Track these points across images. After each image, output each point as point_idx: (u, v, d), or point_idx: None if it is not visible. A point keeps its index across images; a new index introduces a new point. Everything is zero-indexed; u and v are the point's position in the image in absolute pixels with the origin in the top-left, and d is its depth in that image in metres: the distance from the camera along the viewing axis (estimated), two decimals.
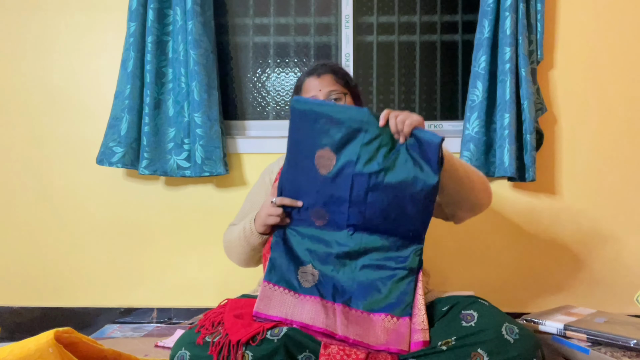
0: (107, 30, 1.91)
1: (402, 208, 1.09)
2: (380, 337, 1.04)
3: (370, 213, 1.11)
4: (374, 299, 1.08)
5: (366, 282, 1.10)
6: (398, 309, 1.07)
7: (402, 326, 1.05)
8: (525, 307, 1.85)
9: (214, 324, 1.07)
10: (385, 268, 1.10)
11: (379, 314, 1.07)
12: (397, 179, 1.07)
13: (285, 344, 1.00)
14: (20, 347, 1.04)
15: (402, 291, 1.08)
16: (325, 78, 1.35)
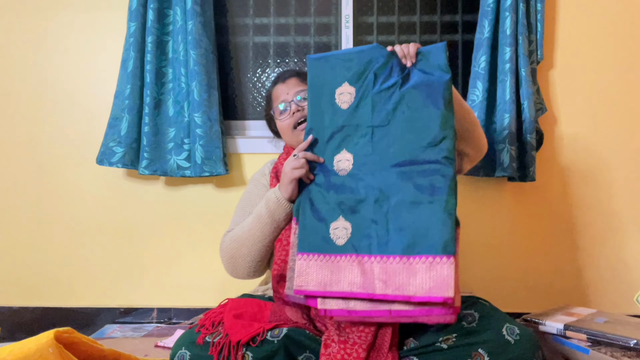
0: (107, 30, 1.91)
1: (425, 112, 1.08)
2: (421, 284, 0.98)
3: (394, 130, 1.10)
4: (413, 240, 1.02)
5: (401, 222, 1.04)
6: (439, 247, 0.99)
7: (446, 268, 0.97)
8: (525, 307, 1.85)
9: (214, 324, 1.07)
10: (420, 201, 1.04)
11: (419, 257, 1.01)
12: (414, 83, 1.10)
13: (285, 344, 1.00)
14: (20, 347, 1.04)
15: (442, 222, 1.00)
16: (290, 82, 1.41)
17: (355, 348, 1.02)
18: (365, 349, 1.02)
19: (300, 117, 1.36)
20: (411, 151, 1.08)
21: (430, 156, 1.06)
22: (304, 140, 1.30)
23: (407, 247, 1.01)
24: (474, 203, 1.89)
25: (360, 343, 1.03)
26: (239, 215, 1.36)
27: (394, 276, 1.00)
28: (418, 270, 0.99)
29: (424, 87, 1.09)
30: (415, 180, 1.06)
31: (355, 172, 1.11)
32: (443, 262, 0.98)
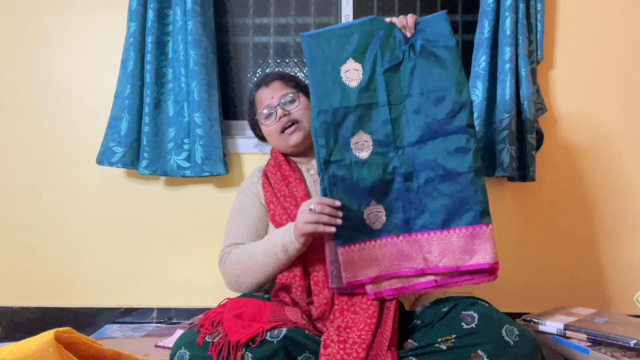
0: (107, 30, 1.91)
1: (438, 82, 1.08)
2: (465, 254, 1.04)
3: (411, 106, 1.09)
4: (450, 213, 1.05)
5: (434, 197, 1.07)
6: (477, 216, 1.04)
7: (486, 236, 1.04)
8: (525, 307, 1.84)
9: (214, 324, 1.07)
10: (449, 174, 1.06)
11: (459, 229, 1.05)
12: (422, 54, 1.09)
13: (284, 345, 1.00)
14: (20, 347, 1.04)
15: (475, 192, 1.04)
16: (274, 85, 1.39)
17: (355, 348, 1.02)
18: (364, 348, 1.01)
19: (287, 121, 1.35)
20: (431, 124, 1.07)
21: (452, 126, 1.06)
22: (291, 144, 1.34)
23: (445, 220, 1.05)
24: None
25: (359, 343, 1.03)
26: (233, 228, 1.34)
27: (439, 250, 1.05)
28: (460, 242, 1.04)
29: (432, 57, 1.08)
30: (440, 153, 1.06)
31: (377, 153, 1.09)
32: (483, 231, 1.03)
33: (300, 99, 1.37)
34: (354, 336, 1.05)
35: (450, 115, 1.06)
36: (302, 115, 1.36)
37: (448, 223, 1.05)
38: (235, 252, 1.27)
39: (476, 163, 1.05)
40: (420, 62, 1.09)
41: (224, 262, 1.28)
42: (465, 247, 1.04)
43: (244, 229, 1.32)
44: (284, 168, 1.38)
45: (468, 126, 1.06)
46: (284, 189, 1.32)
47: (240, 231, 1.32)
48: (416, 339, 1.07)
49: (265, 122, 1.38)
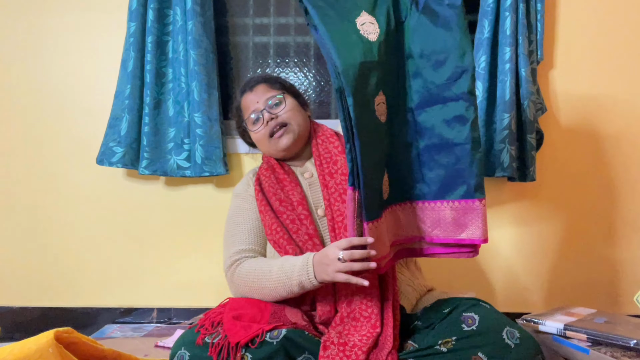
0: (107, 30, 1.91)
1: (440, 44, 1.02)
2: (456, 227, 1.02)
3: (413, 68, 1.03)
4: (444, 184, 1.02)
5: (431, 166, 1.04)
6: (471, 190, 1.00)
7: (478, 211, 1.01)
8: (525, 307, 1.85)
9: (214, 324, 1.07)
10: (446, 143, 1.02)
11: (451, 202, 1.03)
12: (425, 13, 1.03)
13: (284, 346, 1.00)
14: (20, 347, 1.04)
15: (470, 165, 1.00)
16: (258, 89, 1.34)
17: (355, 350, 1.01)
18: (365, 351, 1.00)
19: (275, 125, 1.29)
20: (430, 90, 1.02)
21: (452, 93, 1.00)
22: (281, 147, 1.29)
23: (438, 191, 1.02)
24: None
25: (360, 346, 1.02)
26: (237, 233, 1.27)
27: (431, 220, 1.04)
28: (452, 214, 1.01)
29: (435, 15, 1.01)
30: (438, 121, 1.02)
31: (389, 117, 1.03)
32: (475, 206, 0.99)
33: (286, 100, 1.32)
34: (354, 339, 1.04)
35: (450, 81, 1.00)
36: (290, 117, 1.30)
37: (442, 194, 1.03)
38: (245, 266, 1.19)
39: (474, 133, 1.00)
40: (422, 20, 1.02)
41: (233, 274, 1.21)
42: (457, 221, 1.02)
43: (249, 234, 1.26)
44: (277, 171, 1.33)
45: (469, 93, 0.99)
46: (279, 193, 1.27)
47: (245, 236, 1.26)
48: (416, 340, 1.07)
49: (253, 127, 1.32)
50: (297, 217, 1.23)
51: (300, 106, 1.36)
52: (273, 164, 1.34)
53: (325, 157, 1.29)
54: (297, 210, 1.24)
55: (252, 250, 1.24)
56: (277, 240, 1.21)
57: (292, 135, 1.30)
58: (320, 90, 2.04)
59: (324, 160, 1.29)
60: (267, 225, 1.24)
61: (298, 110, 1.34)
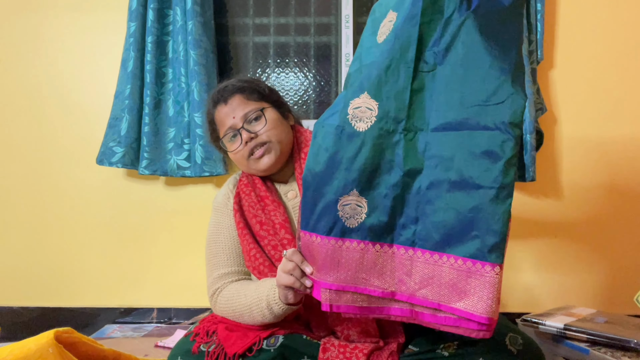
0: (107, 30, 1.91)
1: (488, 54, 0.77)
2: (453, 293, 0.78)
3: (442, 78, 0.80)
4: (449, 233, 0.78)
5: (437, 207, 0.80)
6: (485, 250, 0.75)
7: (488, 280, 0.76)
8: (525, 307, 1.85)
9: (209, 333, 1.05)
10: (466, 182, 0.77)
11: (454, 257, 0.78)
12: (477, 10, 0.77)
13: (282, 352, 0.99)
14: (20, 347, 1.04)
15: (492, 217, 0.74)
16: (233, 101, 1.16)
17: (356, 352, 0.99)
18: (365, 354, 0.99)
19: (255, 145, 1.13)
20: (462, 109, 0.78)
21: (488, 119, 0.76)
22: (262, 168, 1.15)
23: (440, 241, 0.79)
24: None
25: (361, 348, 1.00)
26: (217, 254, 1.17)
27: (421, 275, 0.80)
28: (451, 274, 0.78)
29: (491, 14, 0.76)
30: (462, 151, 0.78)
31: (380, 129, 0.81)
32: (485, 271, 0.76)
33: (266, 114, 1.15)
34: (358, 343, 1.02)
35: (491, 103, 0.76)
36: (271, 135, 1.14)
37: (443, 246, 0.79)
38: (225, 294, 1.10)
39: (506, 177, 0.75)
40: (471, 21, 0.77)
41: (215, 303, 1.12)
42: (456, 284, 0.78)
43: (230, 254, 1.16)
44: (259, 188, 1.18)
45: (511, 125, 0.75)
46: (260, 215, 1.14)
47: (226, 257, 1.16)
48: (417, 343, 1.04)
49: (230, 147, 1.17)
50: (279, 243, 1.10)
51: (281, 117, 1.20)
52: (254, 179, 1.21)
53: None
54: (279, 235, 1.11)
55: (235, 273, 1.14)
56: (258, 267, 1.10)
57: (273, 154, 1.15)
58: (320, 91, 2.04)
59: None
60: (245, 251, 1.13)
61: (280, 123, 1.18)
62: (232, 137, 1.16)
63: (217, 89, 1.21)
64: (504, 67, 0.76)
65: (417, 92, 0.81)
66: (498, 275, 0.76)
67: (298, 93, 2.04)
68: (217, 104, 1.18)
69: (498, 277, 0.76)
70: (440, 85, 0.80)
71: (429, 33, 0.80)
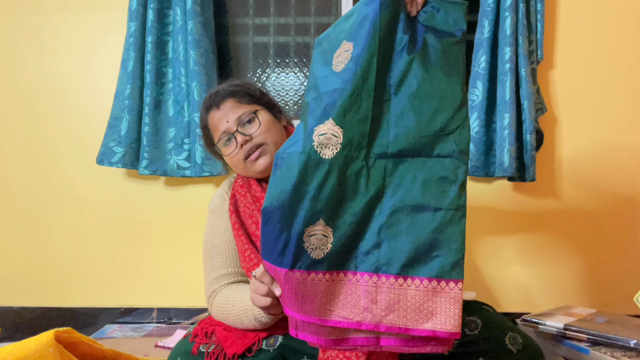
0: (107, 30, 1.91)
1: (437, 87, 0.84)
2: (421, 315, 0.79)
3: (397, 107, 0.84)
4: (412, 256, 0.80)
5: (399, 231, 0.81)
6: (447, 268, 0.79)
7: (452, 295, 0.78)
8: (525, 307, 1.85)
9: (208, 334, 1.05)
10: (424, 206, 0.81)
11: (419, 279, 0.80)
12: (425, 45, 0.85)
13: (281, 353, 0.99)
14: (20, 347, 1.04)
15: (450, 237, 0.80)
16: (225, 106, 1.17)
17: (355, 352, 0.99)
18: (365, 353, 0.97)
19: (251, 147, 1.15)
20: (417, 138, 0.82)
21: (442, 148, 0.82)
22: (258, 170, 1.15)
23: (404, 265, 0.80)
24: (473, 203, 1.89)
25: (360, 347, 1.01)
26: (213, 256, 1.18)
27: (387, 301, 0.80)
28: (417, 296, 0.79)
29: (437, 52, 0.84)
30: (419, 177, 0.82)
31: (344, 155, 0.82)
32: (449, 288, 0.78)
33: (259, 117, 1.16)
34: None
35: (443, 133, 0.82)
36: (266, 136, 1.15)
37: (407, 268, 0.80)
38: (219, 299, 1.10)
39: (459, 200, 0.81)
40: (420, 56, 0.84)
41: (211, 307, 1.13)
42: (422, 305, 0.79)
43: (226, 256, 1.17)
44: (254, 189, 1.20)
45: (461, 153, 0.82)
46: (256, 215, 1.15)
47: (223, 259, 1.17)
48: None
49: (226, 152, 1.18)
50: None
51: (274, 119, 1.21)
52: (250, 180, 1.23)
53: None
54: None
55: (232, 274, 1.15)
56: (251, 268, 1.10)
57: (269, 155, 1.16)
58: None
59: None
60: (240, 251, 1.13)
61: (273, 124, 1.19)
62: (227, 141, 1.17)
63: (208, 95, 1.22)
64: (453, 100, 0.83)
65: (377, 120, 0.84)
66: (461, 291, 0.79)
67: (298, 93, 2.04)
68: (210, 110, 1.19)
69: (461, 293, 0.79)
70: (397, 114, 0.84)
71: (386, 62, 0.84)
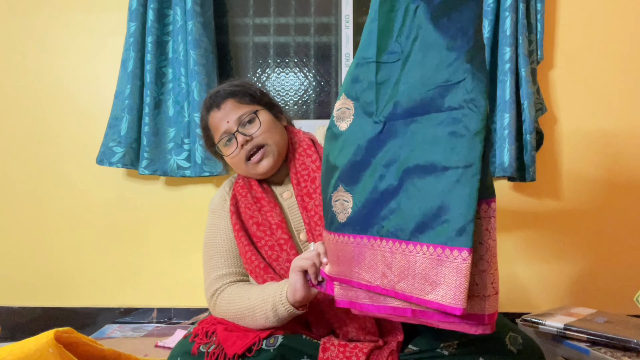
0: (107, 30, 1.91)
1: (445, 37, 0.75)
2: (425, 283, 0.73)
3: (407, 67, 0.79)
4: (421, 220, 0.75)
5: (412, 194, 0.77)
6: (452, 234, 0.71)
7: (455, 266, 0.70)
8: (525, 307, 1.85)
9: (208, 334, 1.05)
10: (433, 165, 0.74)
11: (425, 245, 0.74)
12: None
13: (281, 353, 0.99)
14: (20, 347, 1.04)
15: (458, 199, 0.71)
16: (226, 106, 1.17)
17: (356, 352, 0.99)
18: (365, 353, 0.99)
19: (252, 148, 1.14)
20: (424, 93, 0.76)
21: (452, 99, 0.74)
22: (261, 172, 1.16)
23: (414, 230, 0.75)
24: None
25: (361, 347, 1.00)
26: (215, 256, 1.18)
27: (399, 267, 0.77)
28: (424, 264, 0.74)
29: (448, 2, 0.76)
30: (429, 135, 0.75)
31: (358, 124, 0.84)
32: (453, 257, 0.70)
33: (260, 117, 1.16)
34: (355, 342, 1.02)
35: (449, 82, 0.74)
36: (267, 137, 1.15)
37: (417, 234, 0.75)
38: (226, 296, 1.10)
39: (470, 155, 0.71)
40: (424, 5, 0.77)
41: (215, 305, 1.11)
42: (429, 274, 0.73)
43: (227, 256, 1.17)
44: (255, 189, 1.20)
45: (472, 102, 0.72)
46: (257, 215, 1.15)
47: (224, 259, 1.16)
48: (417, 343, 1.04)
49: (227, 152, 1.18)
50: (276, 243, 1.11)
51: (275, 119, 1.21)
52: (250, 181, 1.22)
53: (302, 174, 1.17)
54: (276, 235, 1.11)
55: (234, 274, 1.14)
56: (254, 269, 1.10)
57: (271, 157, 1.16)
58: (320, 90, 2.04)
59: (302, 179, 1.16)
60: (242, 253, 1.13)
61: (274, 124, 1.19)
62: (228, 142, 1.17)
63: (209, 95, 1.22)
64: (461, 47, 0.74)
65: (383, 84, 0.82)
66: (465, 261, 0.70)
67: (298, 93, 2.04)
68: (210, 110, 1.19)
69: (465, 264, 0.70)
70: (404, 73, 0.80)
71: (391, 23, 0.80)
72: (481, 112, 0.72)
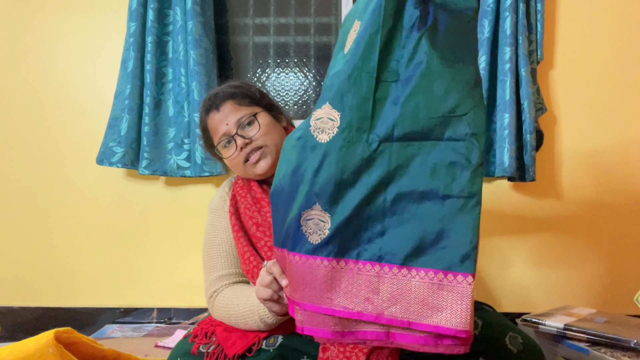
0: (107, 30, 1.91)
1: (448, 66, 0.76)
2: (426, 309, 0.73)
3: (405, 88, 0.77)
4: (418, 245, 0.74)
5: (405, 219, 0.76)
6: (455, 260, 0.72)
7: (461, 290, 0.71)
8: (525, 307, 1.85)
9: (207, 334, 1.05)
10: (433, 192, 0.75)
11: (424, 270, 0.74)
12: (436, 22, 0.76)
13: (281, 353, 0.99)
14: (20, 347, 1.04)
15: (462, 226, 0.72)
16: (225, 108, 1.17)
17: (355, 352, 0.98)
18: (365, 353, 0.98)
19: (251, 150, 1.14)
20: (426, 120, 0.76)
21: (454, 131, 0.75)
22: (259, 173, 1.15)
23: (409, 254, 0.75)
24: None
25: (361, 347, 0.99)
26: (214, 257, 1.18)
27: (390, 292, 0.76)
28: (421, 289, 0.74)
29: (448, 30, 0.76)
30: (428, 162, 0.76)
31: (343, 139, 0.78)
32: (457, 282, 0.71)
33: (259, 119, 1.16)
34: None
35: (454, 115, 0.75)
36: (266, 139, 1.15)
37: (412, 259, 0.75)
38: (221, 299, 1.10)
39: (472, 187, 0.73)
40: (431, 33, 0.76)
41: (212, 307, 1.12)
42: (427, 299, 0.73)
43: (227, 257, 1.17)
44: (254, 190, 1.20)
45: (474, 136, 0.74)
46: (256, 216, 1.15)
47: (223, 260, 1.17)
48: None
49: (226, 154, 1.18)
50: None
51: (274, 120, 1.21)
52: (250, 181, 1.22)
53: None
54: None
55: (232, 275, 1.15)
56: (251, 270, 1.09)
57: (269, 158, 1.15)
58: (320, 90, 2.04)
59: None
60: (240, 253, 1.13)
61: (273, 126, 1.18)
62: (227, 144, 1.16)
63: (208, 97, 1.21)
64: (466, 80, 0.76)
65: (380, 102, 0.78)
66: (471, 286, 0.71)
67: (298, 93, 2.04)
68: (210, 112, 1.19)
69: (471, 288, 0.71)
70: (405, 95, 0.77)
71: (392, 41, 0.78)
72: (481, 147, 0.74)
